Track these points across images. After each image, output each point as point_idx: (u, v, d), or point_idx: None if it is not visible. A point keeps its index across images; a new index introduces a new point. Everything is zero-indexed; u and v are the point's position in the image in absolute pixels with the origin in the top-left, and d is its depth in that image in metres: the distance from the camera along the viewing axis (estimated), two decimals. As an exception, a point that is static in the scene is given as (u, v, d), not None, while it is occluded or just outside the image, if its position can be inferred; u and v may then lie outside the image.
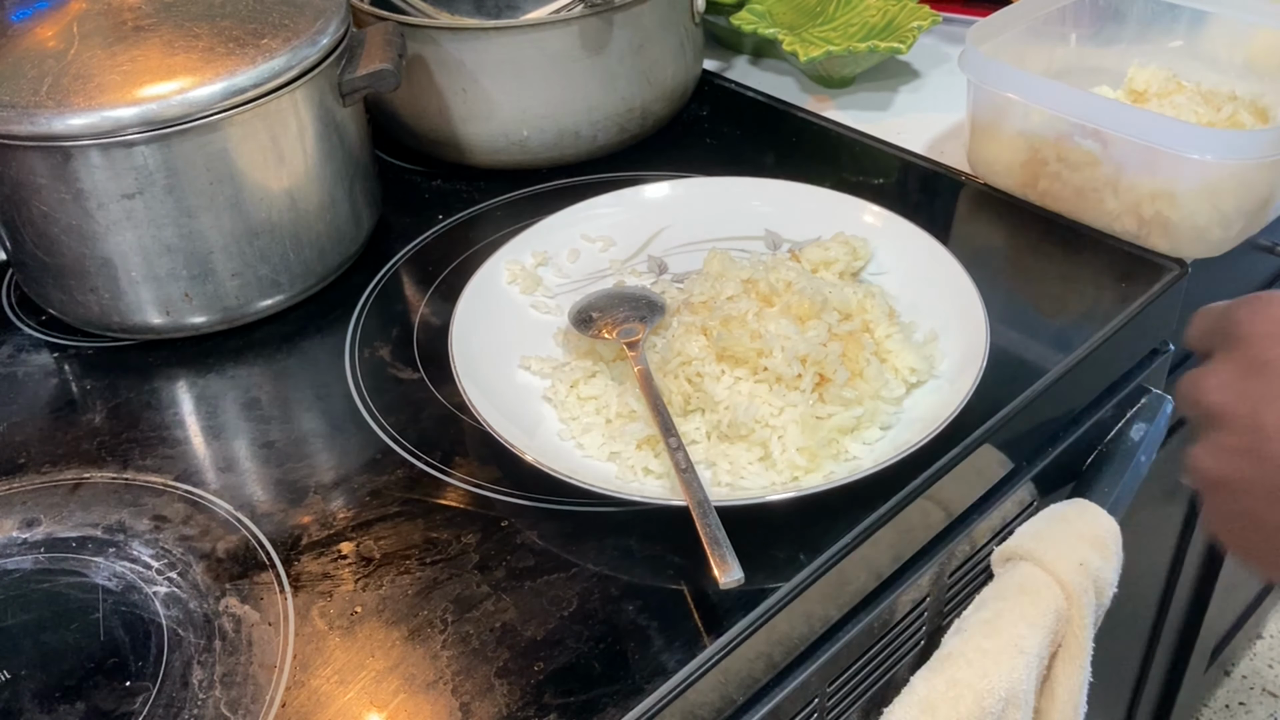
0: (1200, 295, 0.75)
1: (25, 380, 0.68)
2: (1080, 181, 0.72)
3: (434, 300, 0.72)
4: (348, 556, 0.55)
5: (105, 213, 0.63)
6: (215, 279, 0.67)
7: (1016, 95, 0.71)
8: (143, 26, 0.65)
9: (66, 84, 0.61)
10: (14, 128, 0.61)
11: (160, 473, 0.60)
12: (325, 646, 0.50)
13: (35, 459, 0.62)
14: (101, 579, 0.54)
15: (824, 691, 0.58)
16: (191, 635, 0.51)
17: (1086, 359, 0.65)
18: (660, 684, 0.48)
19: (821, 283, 0.63)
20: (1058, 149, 0.72)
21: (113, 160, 0.62)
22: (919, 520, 0.59)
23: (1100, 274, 0.70)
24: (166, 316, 0.68)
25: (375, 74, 0.69)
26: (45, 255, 0.66)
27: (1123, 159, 0.69)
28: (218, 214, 0.65)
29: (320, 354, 0.68)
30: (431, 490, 0.58)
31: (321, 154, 0.69)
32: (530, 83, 0.78)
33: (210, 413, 0.65)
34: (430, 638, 0.50)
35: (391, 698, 0.48)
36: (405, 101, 0.81)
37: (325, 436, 0.62)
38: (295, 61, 0.65)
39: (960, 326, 0.61)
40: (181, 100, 0.61)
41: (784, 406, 0.56)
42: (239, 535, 0.56)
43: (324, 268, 0.72)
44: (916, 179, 0.81)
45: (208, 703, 0.48)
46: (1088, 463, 0.70)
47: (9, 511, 0.58)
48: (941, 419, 0.55)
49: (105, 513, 0.58)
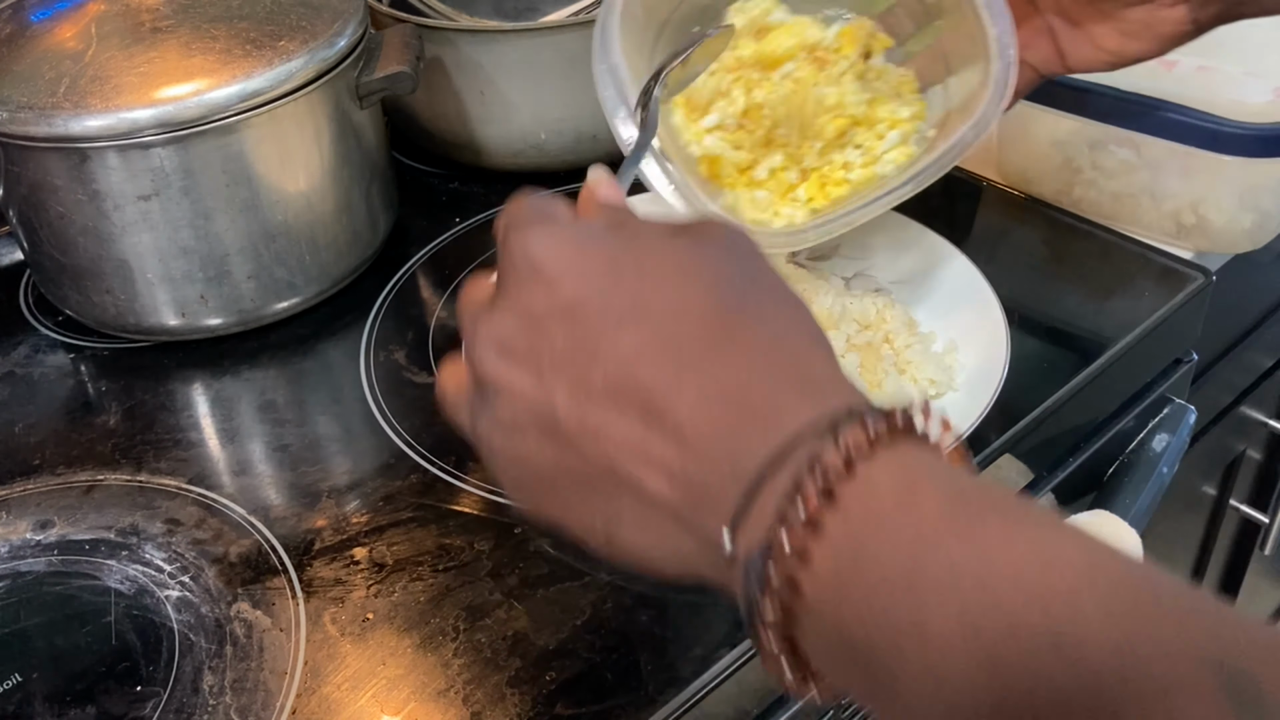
0: (1226, 302, 0.74)
1: (41, 381, 0.68)
2: (1117, 188, 0.71)
3: (450, 304, 0.71)
4: (360, 562, 0.54)
5: (122, 214, 0.63)
6: (231, 281, 0.67)
7: (1045, 105, 0.71)
8: (161, 28, 0.65)
9: (84, 85, 0.61)
10: (32, 129, 0.61)
11: (174, 475, 0.60)
12: (337, 653, 0.50)
13: (50, 460, 0.62)
14: (114, 582, 0.54)
15: (840, 703, 0.58)
16: (203, 640, 0.51)
17: (1108, 368, 0.64)
18: (674, 695, 0.48)
19: (841, 294, 0.63)
20: (1091, 157, 0.71)
21: (129, 162, 0.62)
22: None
23: (1123, 282, 0.70)
24: (182, 318, 0.67)
25: (393, 76, 0.69)
26: (62, 256, 0.66)
27: (1159, 164, 0.68)
28: (234, 216, 0.65)
29: (335, 357, 0.68)
30: (445, 496, 0.58)
31: (338, 156, 0.69)
32: (548, 85, 0.78)
33: (225, 415, 0.65)
34: (442, 645, 0.50)
35: (402, 705, 0.48)
36: (423, 104, 0.81)
37: (339, 440, 0.62)
38: (313, 64, 0.65)
39: (980, 337, 0.61)
40: (198, 102, 0.61)
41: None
42: (252, 539, 0.56)
43: (340, 270, 0.72)
44: (937, 184, 0.80)
45: (218, 708, 0.48)
46: (1109, 473, 0.70)
47: (23, 513, 0.58)
48: (960, 432, 0.54)
49: (119, 515, 0.58)
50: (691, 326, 0.32)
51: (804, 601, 0.28)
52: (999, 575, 0.26)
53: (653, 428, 0.31)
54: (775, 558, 0.28)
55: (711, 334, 0.32)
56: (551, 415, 0.33)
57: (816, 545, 0.28)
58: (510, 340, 0.34)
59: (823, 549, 0.28)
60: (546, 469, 0.34)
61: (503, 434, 0.35)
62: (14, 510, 0.59)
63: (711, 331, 0.32)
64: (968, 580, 0.26)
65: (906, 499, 0.28)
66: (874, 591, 0.27)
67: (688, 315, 0.32)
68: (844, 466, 0.28)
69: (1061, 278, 0.71)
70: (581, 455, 0.33)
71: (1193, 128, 0.66)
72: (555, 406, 0.33)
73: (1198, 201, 0.69)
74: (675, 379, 0.31)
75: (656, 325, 0.32)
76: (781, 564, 0.28)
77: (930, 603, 0.26)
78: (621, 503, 0.33)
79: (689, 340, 0.32)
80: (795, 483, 0.28)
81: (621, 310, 0.33)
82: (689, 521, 0.31)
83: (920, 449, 0.29)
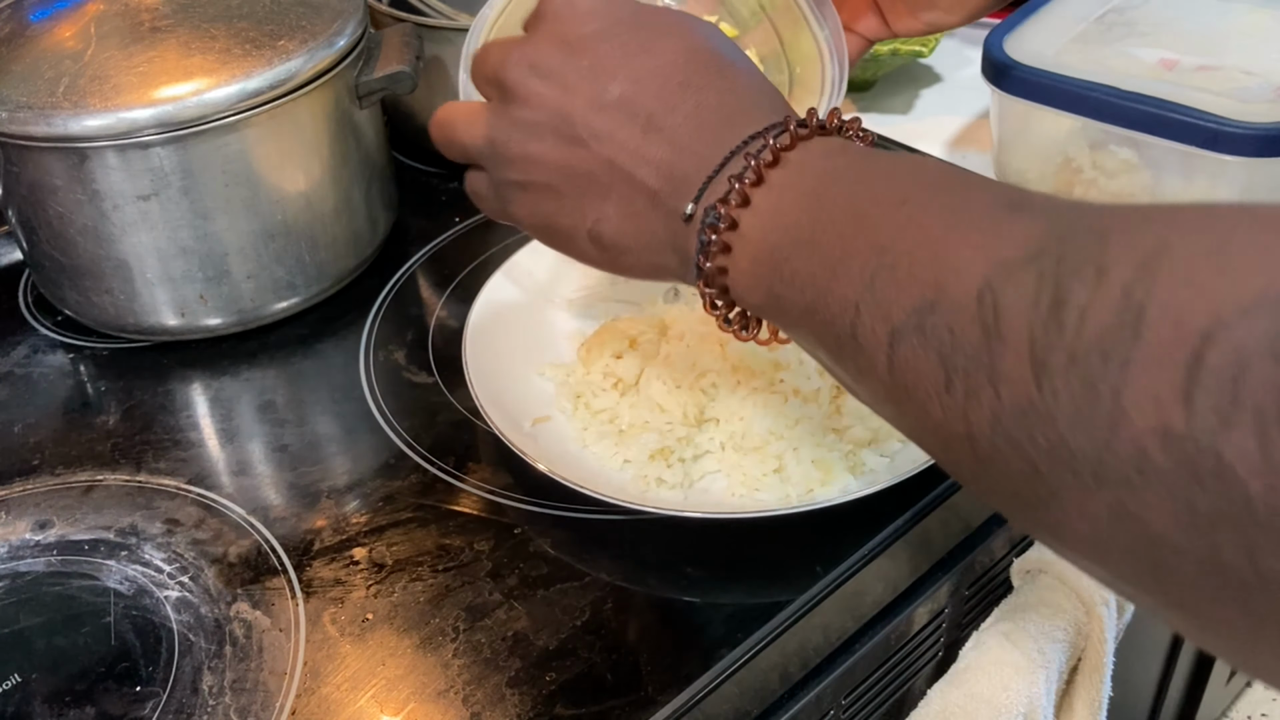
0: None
1: (40, 381, 0.68)
2: (1117, 188, 0.71)
3: (450, 303, 0.71)
4: (360, 562, 0.54)
5: (121, 214, 0.63)
6: (230, 281, 0.67)
7: (1045, 105, 0.70)
8: (160, 28, 0.65)
9: (83, 85, 0.61)
10: (31, 129, 0.61)
11: (173, 475, 0.60)
12: (336, 653, 0.50)
13: (49, 460, 0.62)
14: (113, 582, 0.54)
15: (839, 704, 0.58)
16: (202, 640, 0.51)
17: (1109, 369, 0.64)
18: (673, 695, 0.47)
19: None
20: (1093, 157, 0.71)
21: (129, 161, 0.62)
22: (937, 532, 0.58)
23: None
24: (181, 318, 0.67)
25: (392, 76, 0.69)
26: (61, 256, 0.66)
27: (1160, 163, 0.68)
28: (233, 216, 0.65)
29: (335, 357, 0.68)
30: (444, 496, 0.58)
31: (338, 156, 0.69)
32: (548, 85, 0.77)
33: (224, 415, 0.65)
34: (442, 646, 0.50)
35: (402, 706, 0.48)
36: (423, 103, 0.80)
37: (339, 440, 0.62)
38: (312, 63, 0.65)
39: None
40: (198, 102, 0.61)
41: (799, 419, 0.55)
42: (251, 539, 0.56)
43: (340, 270, 0.71)
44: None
45: (218, 709, 0.48)
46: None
47: (22, 513, 0.58)
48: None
49: (118, 515, 0.58)
50: (689, 61, 0.42)
51: (738, 251, 0.40)
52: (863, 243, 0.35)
53: (650, 135, 0.42)
54: (721, 208, 0.39)
55: (703, 69, 0.42)
56: (570, 118, 0.43)
57: (747, 213, 0.39)
58: (544, 60, 0.43)
59: (752, 214, 0.39)
60: (554, 168, 0.43)
61: (521, 136, 0.44)
62: (13, 510, 0.58)
63: (703, 67, 0.42)
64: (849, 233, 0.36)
65: (819, 184, 0.38)
66: (782, 240, 0.38)
67: (687, 54, 0.43)
68: (772, 156, 0.39)
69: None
70: (589, 153, 0.42)
71: (1194, 127, 0.65)
72: (574, 111, 0.42)
73: (1198, 199, 0.69)
74: (674, 99, 0.42)
75: (663, 58, 0.42)
76: (726, 211, 0.39)
77: (821, 252, 0.36)
78: (610, 199, 0.43)
79: (687, 71, 0.42)
80: (743, 168, 0.39)
81: (639, 44, 0.43)
82: (666, 205, 0.42)
83: (832, 144, 0.40)
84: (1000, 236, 0.31)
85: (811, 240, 0.37)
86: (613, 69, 0.42)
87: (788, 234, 0.38)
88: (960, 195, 0.34)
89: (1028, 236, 0.30)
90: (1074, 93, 0.69)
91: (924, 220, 0.33)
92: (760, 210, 0.39)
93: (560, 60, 0.43)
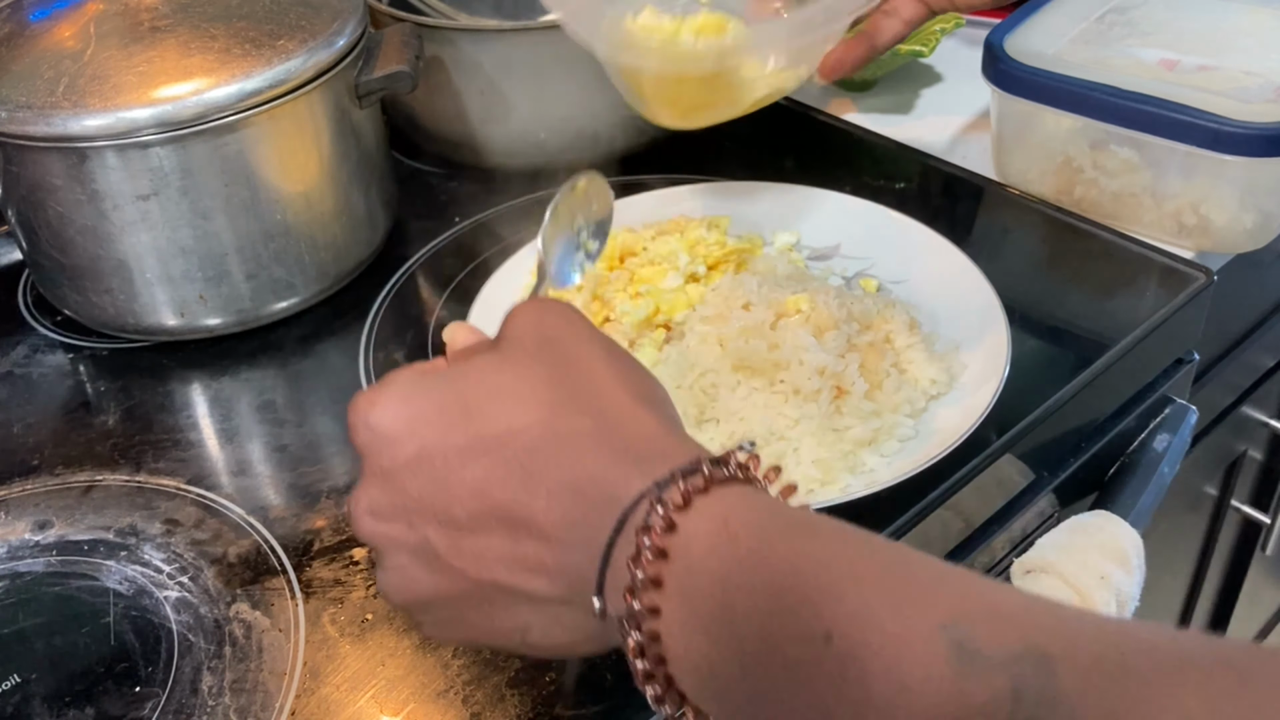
0: (1228, 302, 0.74)
1: (40, 381, 0.68)
2: (1118, 188, 0.71)
3: (450, 303, 0.71)
4: (359, 563, 0.54)
5: (120, 214, 0.63)
6: (230, 281, 0.67)
7: (1045, 104, 0.70)
8: (159, 27, 0.65)
9: (83, 85, 0.61)
10: (30, 128, 0.61)
11: (173, 476, 0.60)
12: (336, 653, 0.50)
13: (49, 460, 0.62)
14: (113, 583, 0.54)
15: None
16: (202, 641, 0.51)
17: (1110, 369, 0.64)
18: (673, 697, 0.47)
19: (841, 294, 0.62)
20: (1093, 157, 0.71)
21: (128, 161, 0.62)
22: (938, 532, 0.58)
23: (1125, 282, 0.69)
24: (181, 318, 0.67)
25: (392, 75, 0.69)
26: (61, 256, 0.66)
27: (1161, 163, 0.68)
28: (233, 216, 0.65)
29: (335, 357, 0.68)
30: (444, 496, 0.57)
31: (337, 156, 0.69)
32: (548, 84, 0.77)
33: (224, 415, 0.65)
34: (441, 646, 0.50)
35: (402, 706, 0.48)
36: (422, 103, 0.80)
37: (339, 440, 0.62)
38: (311, 63, 0.65)
39: (981, 337, 0.60)
40: (197, 101, 0.61)
41: (800, 418, 0.55)
42: (251, 540, 0.56)
43: (339, 270, 0.71)
44: (938, 183, 0.80)
45: (217, 709, 0.48)
46: (1110, 474, 0.69)
47: (22, 513, 0.58)
48: (960, 433, 0.54)
49: (117, 516, 0.58)
50: (524, 440, 0.36)
51: (664, 645, 0.33)
52: (783, 588, 0.31)
53: (520, 538, 0.36)
54: (632, 616, 0.33)
55: (544, 441, 0.36)
56: (431, 552, 0.37)
57: (660, 597, 0.33)
58: (376, 502, 0.38)
59: (665, 597, 0.33)
60: (447, 601, 0.39)
61: (400, 582, 0.39)
62: (12, 511, 0.58)
63: (543, 439, 0.36)
64: (758, 597, 0.32)
65: (716, 543, 0.33)
66: (704, 620, 0.33)
67: (518, 433, 0.36)
68: (664, 525, 0.33)
69: (1062, 277, 0.71)
70: (469, 579, 0.37)
71: (1194, 127, 0.65)
72: (431, 543, 0.37)
73: (1199, 201, 0.69)
74: (525, 490, 0.36)
75: (493, 450, 0.36)
76: (637, 620, 0.33)
77: (739, 622, 0.32)
78: (520, 610, 0.37)
79: (525, 453, 0.36)
80: (636, 547, 0.33)
81: (460, 447, 0.37)
82: (578, 604, 0.36)
83: (734, 492, 0.34)
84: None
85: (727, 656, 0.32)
86: (445, 484, 0.37)
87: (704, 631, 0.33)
88: None
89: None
90: (1074, 92, 0.69)
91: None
92: (668, 610, 0.33)
93: (390, 495, 0.38)
